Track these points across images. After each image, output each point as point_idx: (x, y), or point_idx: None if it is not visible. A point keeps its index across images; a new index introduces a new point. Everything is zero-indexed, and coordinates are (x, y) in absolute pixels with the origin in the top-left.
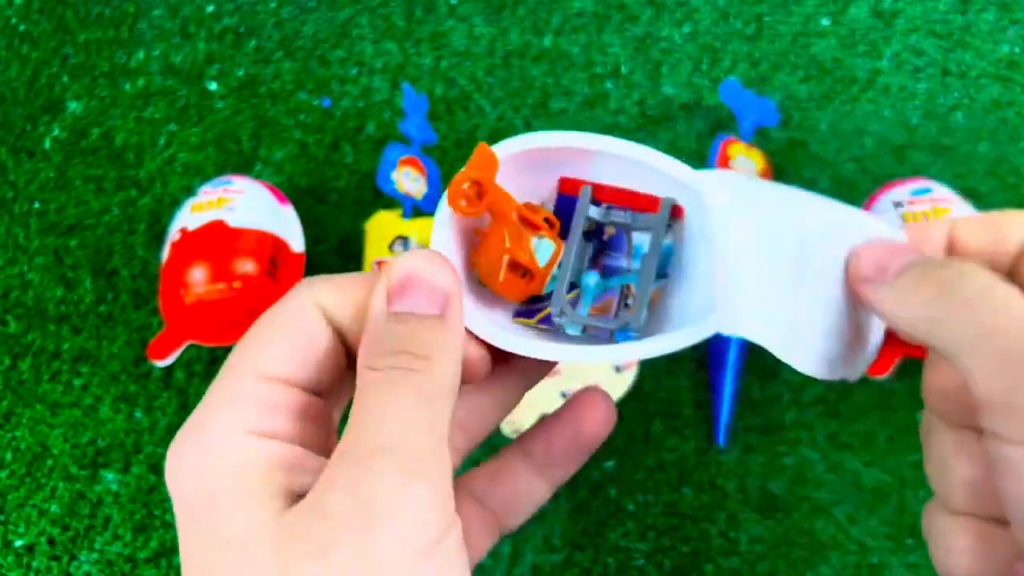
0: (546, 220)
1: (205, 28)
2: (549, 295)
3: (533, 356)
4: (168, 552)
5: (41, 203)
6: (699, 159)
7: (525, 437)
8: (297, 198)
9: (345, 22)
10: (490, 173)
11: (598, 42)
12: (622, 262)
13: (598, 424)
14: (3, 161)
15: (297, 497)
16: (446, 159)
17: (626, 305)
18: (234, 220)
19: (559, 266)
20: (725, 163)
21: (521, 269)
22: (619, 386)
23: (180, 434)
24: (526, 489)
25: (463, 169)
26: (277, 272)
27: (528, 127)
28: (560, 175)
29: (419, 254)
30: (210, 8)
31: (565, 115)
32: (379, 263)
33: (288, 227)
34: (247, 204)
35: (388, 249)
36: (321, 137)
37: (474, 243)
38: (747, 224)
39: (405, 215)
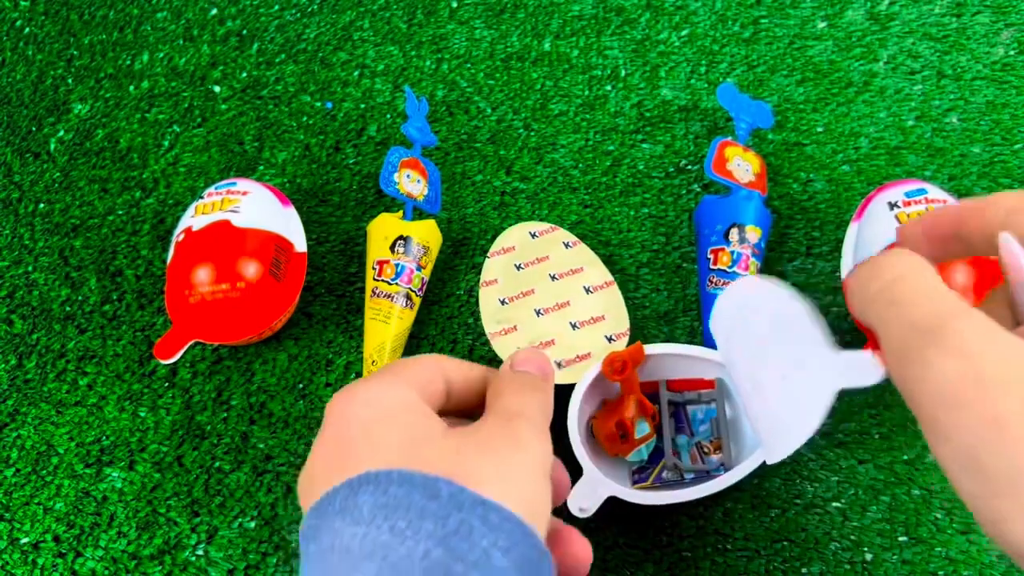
0: (652, 416)
1: (208, 31)
2: (649, 466)
3: (665, 502)
4: (173, 549)
5: (46, 204)
6: (696, 161)
7: None
8: (300, 199)
9: (347, 25)
10: (636, 360)
11: (597, 45)
12: (685, 428)
13: (579, 561)
14: (9, 162)
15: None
16: (447, 161)
17: (704, 452)
18: (238, 221)
19: (658, 437)
20: (722, 165)
21: (623, 431)
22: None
23: (347, 387)
24: None
25: (622, 350)
26: (280, 272)
27: (528, 129)
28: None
29: (532, 351)
30: (213, 11)
31: (564, 117)
32: (380, 263)
33: (291, 228)
34: (251, 206)
35: (389, 250)
36: (323, 139)
37: (597, 405)
38: (740, 358)
39: (406, 216)
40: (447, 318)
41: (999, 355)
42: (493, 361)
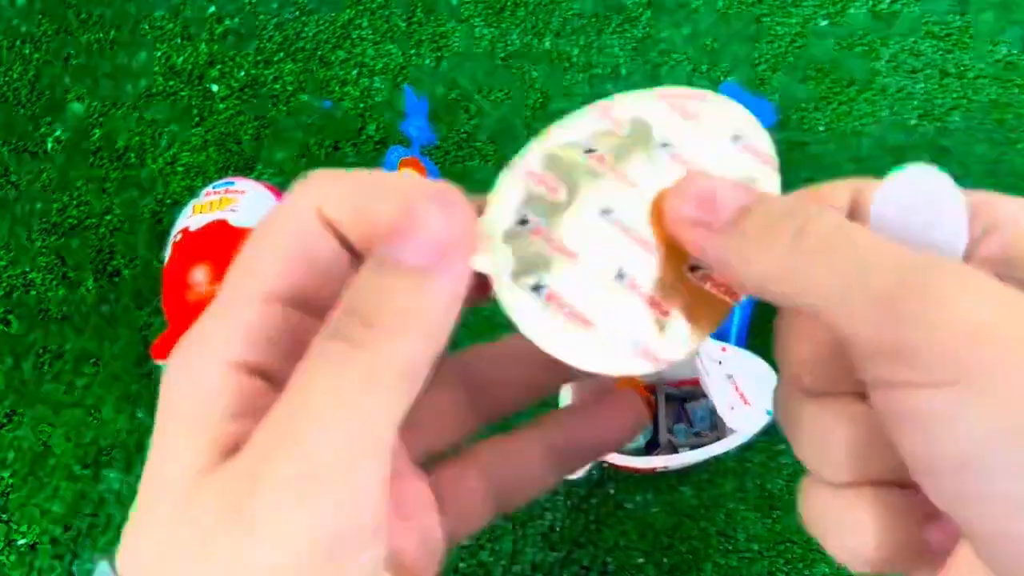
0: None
1: (207, 30)
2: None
3: (654, 465)
4: None
5: (43, 203)
6: None
7: (546, 423)
8: None
9: (346, 24)
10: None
11: (598, 43)
12: (684, 421)
13: (626, 429)
14: (6, 162)
15: (231, 447)
16: (446, 160)
17: (702, 440)
18: (235, 221)
19: (655, 431)
20: None
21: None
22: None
23: (178, 347)
24: (536, 475)
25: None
26: None
27: (528, 128)
28: None
29: (431, 187)
30: (211, 9)
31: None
32: None
33: None
34: (249, 205)
35: None
36: (322, 138)
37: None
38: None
39: None
40: None
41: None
42: None
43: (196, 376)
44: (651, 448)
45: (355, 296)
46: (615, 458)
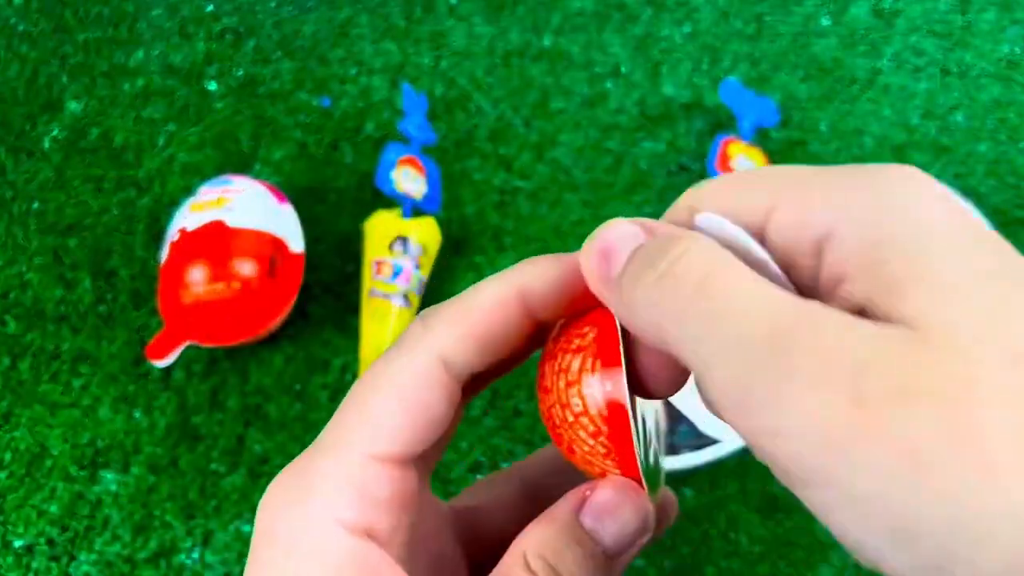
0: None
1: (204, 28)
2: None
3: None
4: (167, 553)
5: (40, 203)
6: (699, 159)
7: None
8: (296, 198)
9: (344, 22)
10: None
11: (598, 42)
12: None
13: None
14: (2, 161)
15: None
16: (446, 159)
17: (698, 435)
18: (233, 220)
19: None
20: (725, 162)
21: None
22: None
23: (282, 489)
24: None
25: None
26: (276, 272)
27: (528, 127)
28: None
29: (629, 484)
30: (209, 8)
31: (565, 115)
32: (378, 263)
33: (287, 227)
34: (246, 204)
35: (387, 249)
36: (320, 137)
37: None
38: None
39: (405, 215)
40: None
41: (896, 366)
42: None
43: (308, 530)
44: None
45: (548, 557)
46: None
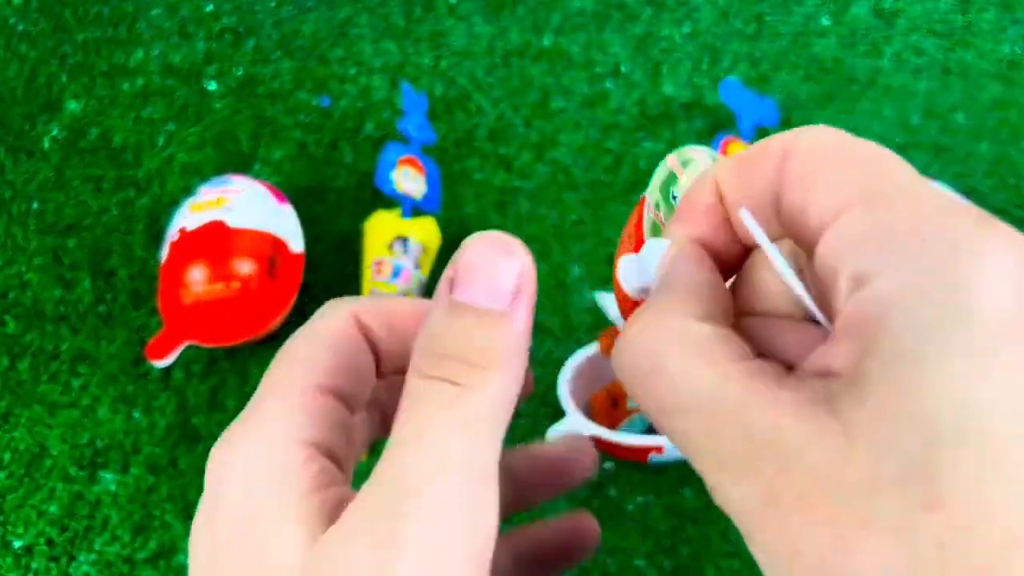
0: None
1: (204, 28)
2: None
3: (645, 443)
4: (167, 553)
5: (40, 203)
6: None
7: (508, 457)
8: (296, 197)
9: (344, 21)
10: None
11: (598, 41)
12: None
13: (585, 472)
14: (1, 161)
15: (330, 514)
16: (446, 159)
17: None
18: (233, 220)
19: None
20: None
21: (613, 399)
22: None
23: (228, 434)
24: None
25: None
26: (276, 272)
27: (528, 126)
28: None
29: (487, 237)
30: (209, 8)
31: (565, 115)
32: (378, 263)
33: (287, 227)
34: (246, 204)
35: (387, 249)
36: (320, 137)
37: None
38: None
39: (404, 214)
40: None
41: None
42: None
43: (270, 454)
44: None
45: (443, 341)
46: (607, 434)
